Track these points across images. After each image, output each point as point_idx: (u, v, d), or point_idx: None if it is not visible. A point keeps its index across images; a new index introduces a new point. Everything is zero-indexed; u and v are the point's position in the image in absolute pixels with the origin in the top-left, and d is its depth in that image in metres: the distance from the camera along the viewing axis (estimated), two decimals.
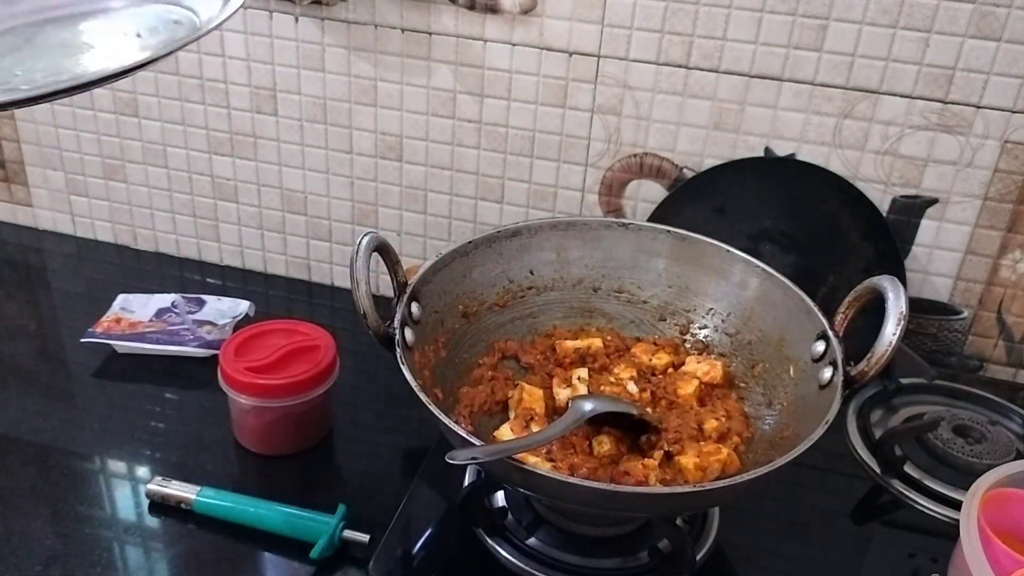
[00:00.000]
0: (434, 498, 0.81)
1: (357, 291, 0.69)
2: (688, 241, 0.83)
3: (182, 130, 1.10)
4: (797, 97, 0.92)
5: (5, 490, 0.81)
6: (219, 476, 0.83)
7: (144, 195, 1.17)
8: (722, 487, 0.63)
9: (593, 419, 0.70)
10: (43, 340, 1.03)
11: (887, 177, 0.93)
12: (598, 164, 1.00)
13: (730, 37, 0.90)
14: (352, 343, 0.94)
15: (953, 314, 0.98)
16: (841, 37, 0.88)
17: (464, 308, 0.81)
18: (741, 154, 0.95)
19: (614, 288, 0.86)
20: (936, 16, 0.85)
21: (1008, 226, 0.93)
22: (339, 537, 0.75)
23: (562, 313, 0.86)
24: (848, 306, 0.72)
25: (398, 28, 0.97)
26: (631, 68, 0.94)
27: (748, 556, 0.78)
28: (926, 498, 0.83)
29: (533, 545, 0.73)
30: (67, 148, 1.16)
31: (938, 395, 0.95)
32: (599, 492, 0.60)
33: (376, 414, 0.94)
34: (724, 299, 0.82)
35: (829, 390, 0.69)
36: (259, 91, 1.05)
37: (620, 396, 0.77)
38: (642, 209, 1.01)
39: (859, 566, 0.78)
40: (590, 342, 0.82)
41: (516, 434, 0.71)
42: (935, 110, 0.89)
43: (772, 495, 0.84)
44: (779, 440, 0.72)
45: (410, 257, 1.10)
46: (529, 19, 0.94)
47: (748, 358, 0.80)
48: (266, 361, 0.83)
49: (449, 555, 0.76)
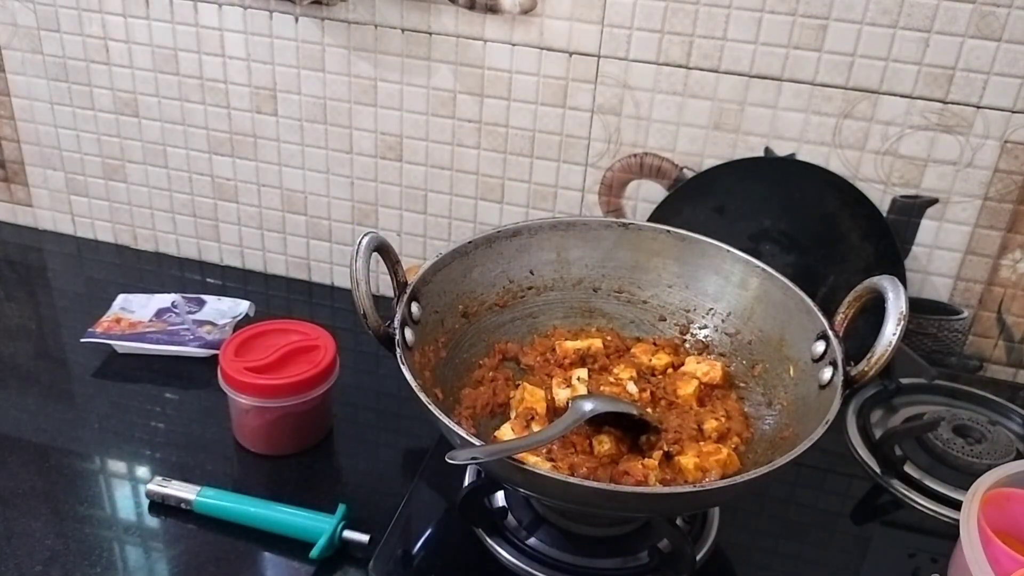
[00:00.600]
0: (434, 498, 0.81)
1: (357, 291, 0.69)
2: (688, 241, 0.83)
3: (182, 130, 1.10)
4: (797, 97, 0.92)
5: (5, 490, 0.81)
6: (219, 476, 0.83)
7: (144, 195, 1.17)
8: (722, 487, 0.63)
9: (593, 419, 0.70)
10: (43, 340, 1.03)
11: (887, 177, 0.93)
12: (598, 164, 1.00)
13: (730, 37, 0.90)
14: (352, 343, 0.94)
15: (953, 314, 0.98)
16: (841, 37, 0.88)
17: (464, 308, 0.81)
18: (741, 154, 0.95)
19: (614, 288, 0.86)
20: (936, 16, 0.85)
21: (1008, 226, 0.93)
22: (339, 537, 0.75)
23: (562, 313, 0.86)
24: (848, 306, 0.72)
25: (398, 28, 0.97)
26: (631, 68, 0.94)
27: (748, 556, 0.78)
28: (926, 498, 0.83)
29: (533, 545, 0.73)
30: (67, 148, 1.16)
31: (938, 395, 0.95)
32: (599, 492, 0.60)
33: (376, 414, 0.94)
34: (724, 299, 0.82)
35: (829, 390, 0.69)
36: (259, 91, 1.05)
37: (620, 396, 0.77)
38: (642, 209, 1.01)
39: (859, 566, 0.78)
40: (590, 343, 0.82)
41: (517, 434, 0.71)
42: (935, 110, 0.89)
43: (772, 495, 0.84)
44: (779, 440, 0.72)
45: (410, 257, 1.10)
46: (529, 19, 0.94)
47: (748, 358, 0.80)
48: (266, 361, 0.83)
49: (449, 555, 0.76)
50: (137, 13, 1.04)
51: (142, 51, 1.07)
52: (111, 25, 1.06)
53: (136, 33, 1.06)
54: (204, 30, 1.03)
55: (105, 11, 1.05)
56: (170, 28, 1.04)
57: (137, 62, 1.08)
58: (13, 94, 1.14)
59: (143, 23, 1.05)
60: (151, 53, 1.06)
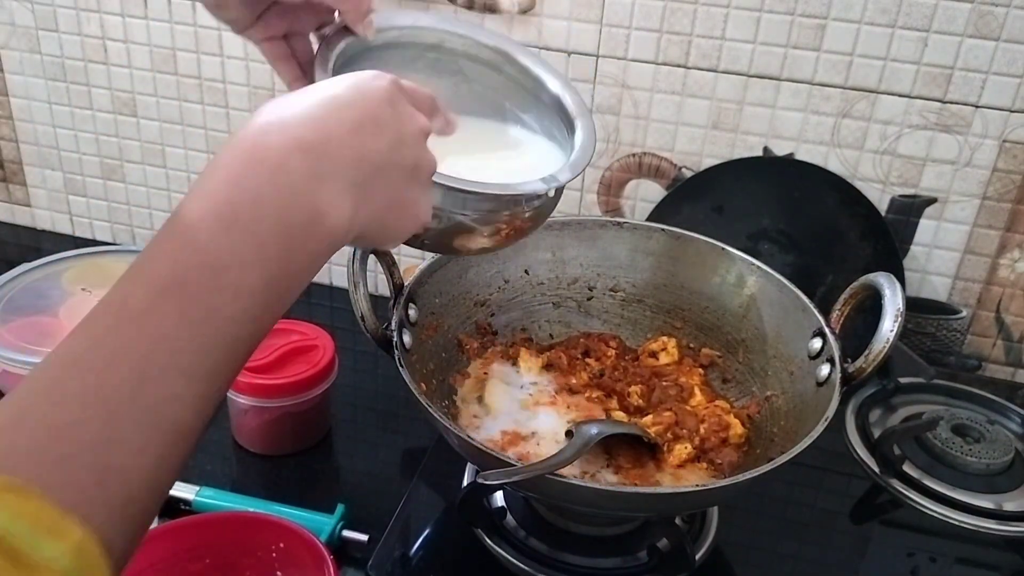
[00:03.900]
0: (433, 498, 0.81)
1: (355, 294, 0.69)
2: (684, 240, 0.83)
3: (180, 130, 1.10)
4: (796, 97, 0.92)
5: None
6: (218, 476, 0.83)
7: (142, 195, 1.16)
8: (722, 487, 0.63)
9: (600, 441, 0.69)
10: None
11: (886, 176, 0.93)
12: (597, 164, 1.00)
13: (729, 37, 0.90)
14: (351, 343, 0.94)
15: (952, 313, 0.98)
16: (840, 37, 0.88)
17: (460, 309, 0.81)
18: (740, 153, 0.95)
19: (610, 287, 0.86)
20: (935, 16, 0.85)
21: (1006, 225, 0.93)
22: (338, 537, 0.75)
23: (558, 313, 0.86)
24: (844, 303, 0.72)
25: None
26: (630, 68, 0.94)
27: (747, 555, 0.78)
28: (925, 497, 0.83)
29: (532, 545, 0.73)
30: (65, 148, 1.16)
31: (937, 394, 0.95)
32: (599, 492, 0.60)
33: (375, 414, 0.94)
34: (720, 297, 0.82)
35: (827, 387, 0.69)
36: (257, 91, 1.05)
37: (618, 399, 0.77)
38: (641, 209, 1.01)
39: (858, 565, 0.78)
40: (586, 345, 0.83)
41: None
42: (934, 109, 0.89)
43: (771, 494, 0.84)
44: (778, 439, 0.72)
45: (408, 257, 1.09)
46: (527, 19, 0.94)
47: (745, 356, 0.80)
48: (265, 361, 0.83)
49: (448, 555, 0.76)
50: (135, 13, 1.04)
51: (140, 51, 1.07)
52: (109, 25, 1.06)
53: (134, 33, 1.06)
54: (202, 30, 1.03)
55: (103, 11, 1.05)
56: (168, 28, 1.04)
57: (135, 62, 1.07)
58: (11, 94, 1.14)
59: (141, 23, 1.05)
60: (149, 53, 1.06)
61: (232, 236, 0.40)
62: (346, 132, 0.44)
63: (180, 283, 0.39)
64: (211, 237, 0.40)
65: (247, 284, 0.40)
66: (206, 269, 0.39)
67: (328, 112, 0.44)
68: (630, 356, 0.83)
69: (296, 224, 0.41)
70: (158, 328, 0.38)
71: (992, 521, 0.80)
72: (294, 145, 0.42)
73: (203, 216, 0.40)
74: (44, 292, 0.94)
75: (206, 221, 0.40)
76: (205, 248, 0.39)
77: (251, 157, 0.42)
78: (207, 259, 0.39)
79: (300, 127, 0.43)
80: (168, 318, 0.38)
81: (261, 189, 0.41)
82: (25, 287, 0.94)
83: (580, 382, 0.78)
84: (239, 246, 0.40)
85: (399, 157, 0.47)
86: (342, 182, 0.43)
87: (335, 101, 0.45)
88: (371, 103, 0.46)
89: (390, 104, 0.47)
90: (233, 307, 0.40)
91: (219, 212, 0.40)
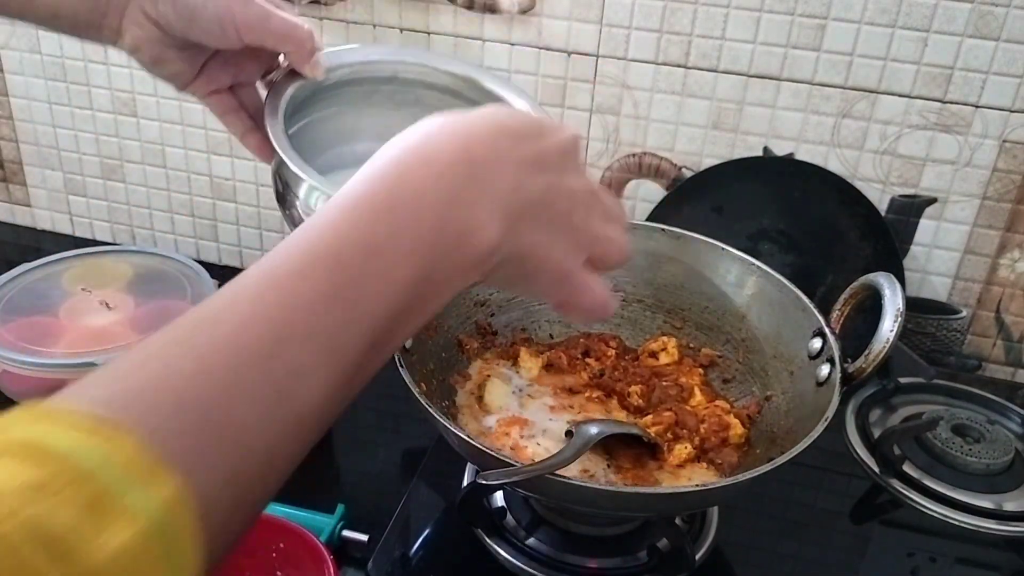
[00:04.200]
0: (433, 498, 0.81)
1: None
2: (683, 239, 0.83)
3: (180, 130, 1.10)
4: (796, 97, 0.92)
5: None
6: None
7: (142, 195, 1.16)
8: (722, 487, 0.63)
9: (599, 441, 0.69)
10: None
11: (886, 176, 0.93)
12: (597, 164, 1.00)
13: (729, 37, 0.90)
14: None
15: (952, 313, 0.98)
16: (840, 37, 0.88)
17: (460, 309, 0.81)
18: (740, 154, 0.95)
19: (610, 287, 0.86)
20: (935, 16, 0.85)
21: (1007, 225, 0.93)
22: (338, 537, 0.75)
23: (557, 314, 0.86)
24: (844, 303, 0.72)
25: (396, 28, 0.97)
26: (630, 68, 0.94)
27: (747, 555, 0.78)
28: (925, 497, 0.83)
29: (532, 545, 0.73)
30: (65, 148, 1.16)
31: (937, 394, 0.95)
32: (600, 492, 0.60)
33: (376, 414, 0.94)
34: (720, 297, 0.82)
35: (827, 387, 0.69)
36: None
37: (618, 399, 0.77)
38: (641, 209, 1.01)
39: (858, 565, 0.78)
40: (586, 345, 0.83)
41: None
42: (934, 110, 0.89)
43: (771, 494, 0.84)
44: (778, 439, 0.72)
45: None
46: (527, 19, 0.94)
47: (745, 356, 0.80)
48: None
49: (448, 555, 0.75)
50: None
51: None
52: None
53: None
54: None
55: None
56: None
57: (135, 62, 1.07)
58: (11, 94, 1.14)
59: None
60: None
61: (391, 223, 0.40)
62: (513, 160, 0.44)
63: (334, 254, 0.38)
64: (372, 219, 0.40)
65: (396, 275, 0.40)
66: (360, 248, 0.39)
67: (501, 135, 0.44)
68: (630, 356, 0.83)
69: (450, 231, 0.41)
70: (302, 296, 0.37)
71: (992, 521, 0.80)
72: (464, 156, 0.42)
73: (364, 198, 0.40)
74: (44, 292, 0.94)
75: (367, 203, 0.40)
76: (364, 228, 0.40)
77: (418, 156, 0.42)
78: (364, 238, 0.39)
79: (471, 139, 0.43)
80: (314, 288, 0.37)
81: (424, 187, 0.41)
82: (25, 287, 0.94)
83: (580, 382, 0.78)
84: (397, 234, 0.40)
85: (552, 199, 0.46)
86: (497, 204, 0.43)
87: (509, 127, 0.45)
88: (548, 142, 0.46)
89: (562, 153, 0.46)
90: (377, 296, 0.39)
91: (380, 200, 0.40)
